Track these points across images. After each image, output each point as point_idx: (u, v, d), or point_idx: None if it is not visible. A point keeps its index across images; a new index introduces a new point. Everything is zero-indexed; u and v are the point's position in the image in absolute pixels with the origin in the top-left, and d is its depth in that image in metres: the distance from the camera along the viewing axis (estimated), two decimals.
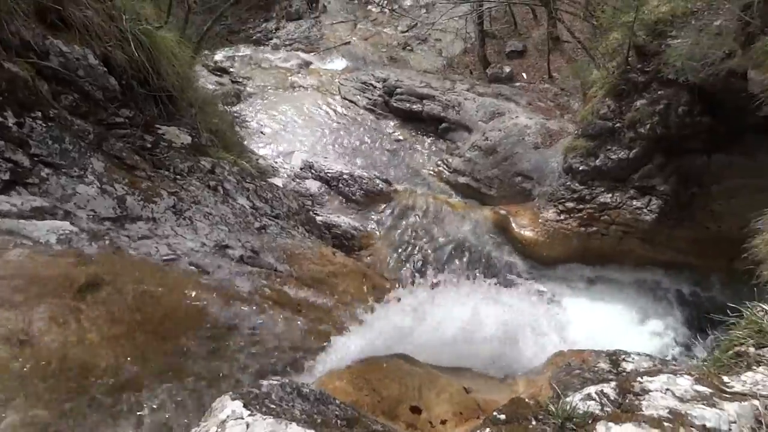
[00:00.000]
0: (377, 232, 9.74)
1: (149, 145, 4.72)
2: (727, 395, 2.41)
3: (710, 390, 2.46)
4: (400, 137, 13.66)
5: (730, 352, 2.90)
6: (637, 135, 8.34)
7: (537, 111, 12.40)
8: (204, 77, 15.21)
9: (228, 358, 3.35)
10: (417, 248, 9.33)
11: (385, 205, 10.24)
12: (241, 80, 15.80)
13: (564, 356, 4.85)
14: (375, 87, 14.77)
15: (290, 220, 5.66)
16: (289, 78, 15.85)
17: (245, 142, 10.89)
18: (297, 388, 2.86)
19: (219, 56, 16.86)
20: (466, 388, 4.26)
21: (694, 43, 7.10)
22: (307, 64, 17.00)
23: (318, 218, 9.19)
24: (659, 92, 8.00)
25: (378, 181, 10.69)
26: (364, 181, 10.58)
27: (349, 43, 18.31)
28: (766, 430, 2.17)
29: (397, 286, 7.97)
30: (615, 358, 4.40)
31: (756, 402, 2.32)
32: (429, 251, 9.21)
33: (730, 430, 2.21)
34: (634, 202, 8.58)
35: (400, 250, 9.34)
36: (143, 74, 4.86)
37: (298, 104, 14.36)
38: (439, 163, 12.86)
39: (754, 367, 2.61)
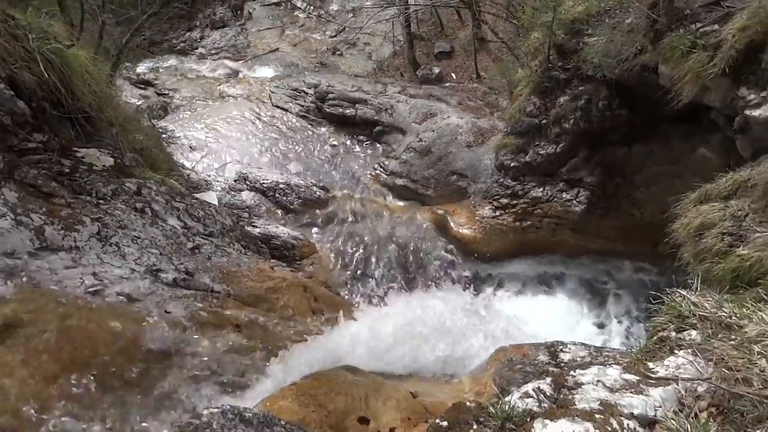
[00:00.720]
0: (318, 241, 9.68)
1: (67, 170, 4.50)
2: (653, 381, 2.55)
3: (637, 377, 2.61)
4: (335, 142, 13.62)
5: (655, 338, 3.07)
6: (562, 130, 8.68)
7: (468, 110, 12.67)
8: (127, 91, 14.68)
9: (166, 387, 3.24)
10: (359, 254, 9.32)
11: (324, 213, 10.20)
12: (166, 92, 15.34)
13: (506, 351, 4.99)
14: (307, 93, 14.68)
15: (225, 237, 5.54)
16: (218, 88, 15.52)
17: (175, 158, 10.59)
18: (239, 414, 2.81)
19: (142, 68, 16.29)
20: (412, 393, 4.31)
21: (609, 40, 7.47)
22: (236, 72, 16.70)
23: (256, 230, 9.05)
24: (580, 88, 8.36)
25: (315, 189, 10.63)
26: (301, 189, 10.50)
27: (277, 50, 18.11)
28: (688, 411, 2.32)
29: (340, 295, 8.04)
30: (553, 349, 4.57)
31: (678, 385, 2.48)
32: (371, 256, 9.22)
33: (656, 414, 2.34)
34: (564, 195, 8.92)
35: (342, 257, 9.31)
36: (56, 95, 4.62)
37: (229, 114, 14.07)
38: (376, 166, 12.90)
39: (676, 351, 2.77)
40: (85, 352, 2.98)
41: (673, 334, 2.95)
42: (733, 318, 2.71)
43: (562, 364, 4.31)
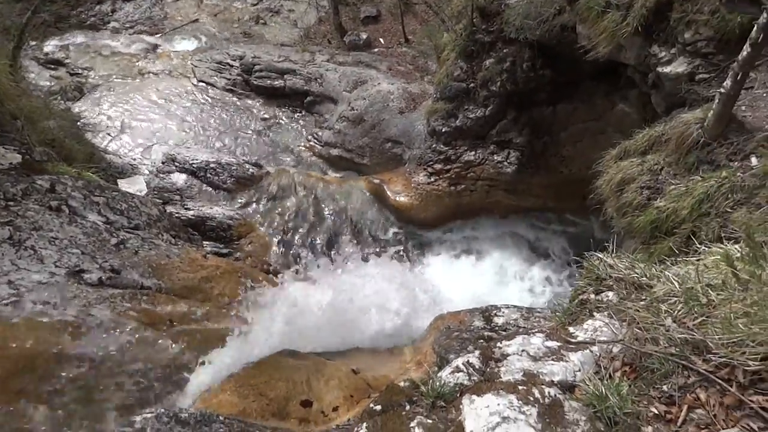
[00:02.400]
0: (255, 219, 9.52)
1: None
2: (572, 345, 2.69)
3: (558, 344, 2.73)
4: (266, 116, 13.31)
5: (576, 300, 3.22)
6: (489, 93, 8.78)
7: (398, 76, 12.61)
8: (35, 73, 13.73)
9: (96, 395, 3.15)
10: (297, 229, 9.26)
11: (258, 190, 10.01)
12: (80, 72, 14.43)
13: (444, 320, 5.12)
14: (232, 66, 14.18)
15: (152, 228, 5.35)
16: (136, 64, 14.72)
17: (94, 144, 10.08)
18: (174, 416, 2.78)
19: (50, 47, 15.20)
20: (354, 369, 4.37)
21: (529, 1, 7.55)
22: (154, 47, 15.86)
23: (189, 213, 8.82)
24: (504, 50, 8.45)
25: (248, 166, 10.39)
26: (233, 167, 10.23)
27: (197, 20, 17.28)
28: (604, 373, 2.46)
29: (280, 273, 7.98)
30: (487, 314, 4.73)
31: (595, 348, 2.62)
32: (309, 231, 9.18)
33: (575, 378, 2.47)
34: (495, 157, 9.11)
35: (280, 234, 9.22)
36: None
37: (151, 92, 13.43)
38: (310, 137, 12.73)
39: (595, 314, 2.92)
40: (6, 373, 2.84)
41: (593, 296, 3.09)
42: (644, 278, 2.87)
43: (496, 328, 4.48)
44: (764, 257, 2.47)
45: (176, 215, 8.22)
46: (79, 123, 10.39)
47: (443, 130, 9.37)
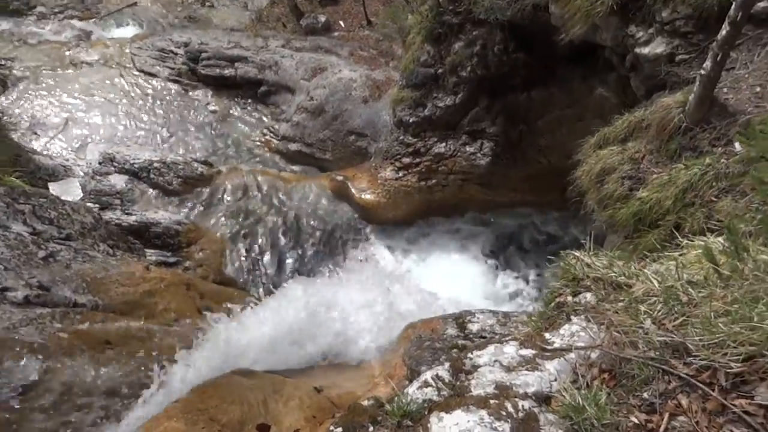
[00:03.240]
0: (206, 223, 9.40)
1: None
2: (548, 353, 2.72)
3: (533, 352, 2.76)
4: (216, 108, 13.17)
5: (552, 303, 3.25)
6: (459, 79, 8.83)
7: (360, 62, 12.60)
8: None
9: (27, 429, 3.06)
10: (254, 233, 9.17)
11: (209, 191, 9.88)
12: (3, 63, 14.00)
13: (415, 328, 5.13)
14: (176, 54, 13.96)
15: (87, 238, 5.23)
16: (68, 54, 14.37)
17: (20, 144, 9.81)
18: None
19: None
20: (317, 387, 4.34)
21: None
22: (88, 34, 15.52)
23: (130, 219, 8.63)
24: (474, 33, 8.51)
25: (196, 165, 10.24)
26: (179, 166, 10.06)
27: (135, 4, 16.96)
28: (582, 381, 2.49)
29: (235, 283, 7.89)
30: (461, 320, 4.76)
31: (572, 355, 2.65)
32: (266, 236, 9.10)
33: (551, 389, 2.50)
34: (468, 148, 9.17)
35: (234, 240, 9.11)
36: None
37: (85, 84, 13.14)
38: (265, 131, 12.65)
39: (572, 318, 2.96)
40: None
41: (570, 298, 3.13)
42: (623, 277, 2.91)
43: (471, 336, 4.51)
44: (746, 250, 2.54)
45: (116, 222, 8.06)
46: (1, 121, 10.09)
47: (411, 121, 9.40)
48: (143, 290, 4.76)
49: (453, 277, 8.31)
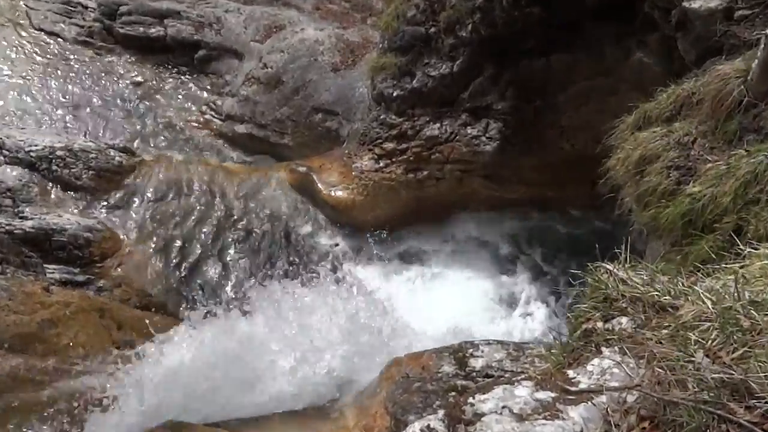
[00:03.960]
0: (126, 230, 9.31)
1: None
2: (572, 396, 2.72)
3: (553, 395, 2.77)
4: (140, 78, 13.09)
5: (578, 332, 3.27)
6: (458, 40, 8.86)
7: (329, 17, 12.61)
8: None
9: None
10: (189, 243, 9.10)
11: (130, 187, 9.79)
12: None
13: (401, 365, 5.12)
14: (86, 8, 13.92)
15: None
16: None
17: None
18: None
19: None
20: None
21: None
22: None
23: (26, 224, 8.52)
24: None
25: (113, 152, 10.13)
26: (91, 155, 9.95)
27: None
28: (616, 430, 2.51)
29: (165, 307, 7.84)
30: (461, 354, 4.77)
31: (603, 398, 2.66)
32: (206, 245, 9.04)
33: None
34: (469, 130, 9.19)
35: (164, 251, 9.04)
36: None
37: None
38: (205, 108, 12.59)
39: (603, 349, 2.98)
40: None
41: (600, 324, 3.15)
42: (667, 297, 2.94)
43: (474, 374, 4.52)
44: None
45: (5, 229, 7.96)
46: None
47: (395, 95, 9.41)
48: (41, 319, 4.71)
49: (450, 297, 8.31)
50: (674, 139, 5.65)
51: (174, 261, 8.86)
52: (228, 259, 9.02)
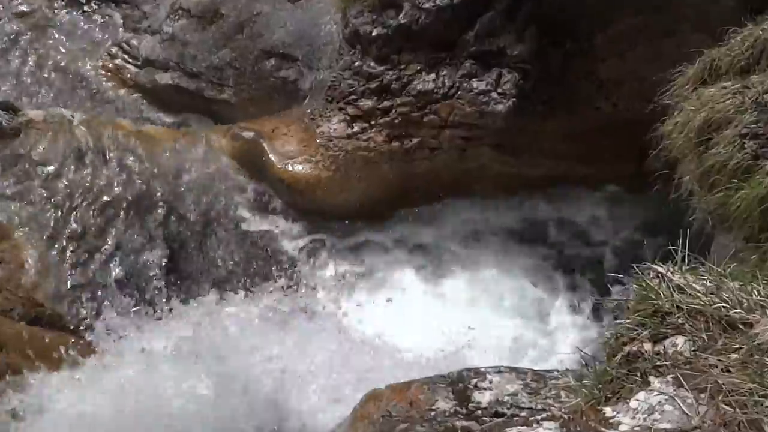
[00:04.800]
0: (6, 215, 9.27)
1: None
2: None
3: None
4: (27, 8, 12.97)
5: (619, 355, 3.30)
6: None
7: None
8: None
9: None
10: (92, 233, 9.05)
11: (12, 157, 9.73)
12: None
13: (380, 400, 5.13)
14: None
15: None
16: None
17: None
18: None
19: None
20: None
21: None
22: None
23: None
24: None
25: None
26: None
27: None
28: None
29: (62, 320, 7.83)
30: (462, 386, 4.79)
31: None
32: (115, 236, 8.99)
33: None
34: (475, 83, 9.15)
35: (60, 245, 9.00)
36: None
37: None
38: (115, 50, 12.48)
39: (651, 379, 3.01)
40: None
41: (648, 345, 3.18)
42: (738, 310, 2.97)
43: (478, 412, 4.54)
44: None
45: None
46: None
47: (375, 34, 9.37)
48: None
49: (443, 310, 8.33)
50: (751, 97, 5.67)
51: (70, 256, 8.79)
52: (144, 253, 8.96)
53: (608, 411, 2.92)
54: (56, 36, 12.61)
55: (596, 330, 8.20)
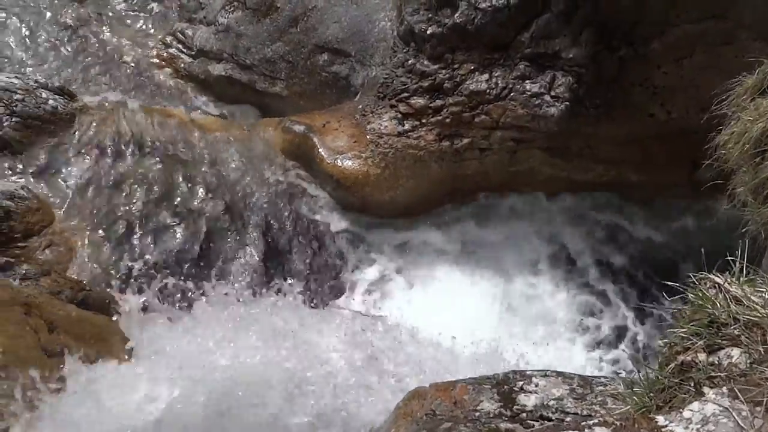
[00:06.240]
0: (59, 198, 9.36)
1: None
2: None
3: None
4: None
5: (672, 364, 3.28)
6: None
7: None
8: None
9: None
10: (142, 222, 9.13)
11: (66, 140, 9.83)
12: None
13: (424, 398, 5.13)
14: None
15: None
16: None
17: None
18: None
19: None
20: None
21: None
22: None
23: None
24: None
25: (46, 95, 10.18)
26: (16, 95, 10.01)
27: None
28: None
29: (110, 306, 7.91)
30: (507, 388, 4.78)
31: None
32: (166, 224, 9.06)
33: None
34: (529, 85, 9.13)
35: (110, 230, 9.08)
36: None
37: None
38: (170, 40, 12.61)
39: (706, 390, 2.99)
40: None
41: (702, 356, 3.16)
42: None
43: (523, 414, 4.52)
44: None
45: None
46: None
47: (430, 32, 9.38)
48: None
49: (487, 312, 8.31)
50: None
51: (120, 242, 8.87)
52: (193, 243, 9.00)
53: (660, 420, 2.91)
54: (112, 24, 12.74)
55: (644, 337, 8.18)
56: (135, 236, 8.98)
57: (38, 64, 11.72)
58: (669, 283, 3.51)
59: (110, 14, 12.84)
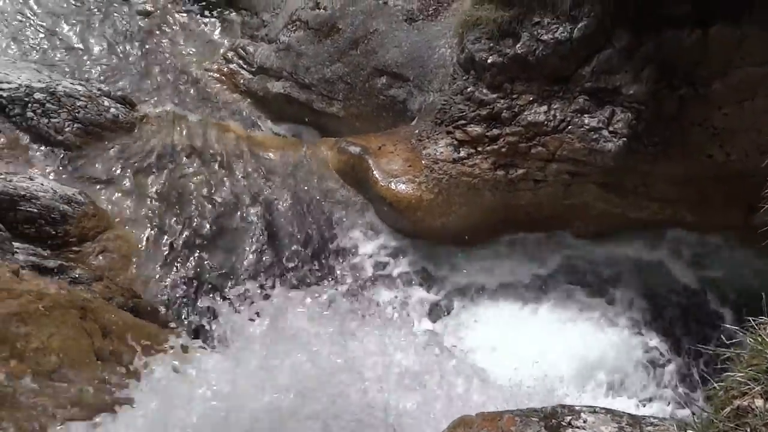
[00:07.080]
0: (115, 204, 9.49)
1: None
2: None
3: None
4: (150, 7, 13.31)
5: (728, 409, 3.27)
6: None
7: None
8: None
9: None
10: (195, 233, 9.23)
11: (125, 148, 9.98)
12: None
13: (470, 426, 5.13)
14: None
15: None
16: None
17: None
18: None
19: None
20: None
21: None
22: None
23: None
24: None
25: (108, 103, 10.36)
26: (79, 102, 10.18)
27: None
28: None
29: (159, 315, 7.99)
30: (555, 422, 4.75)
31: None
32: (217, 237, 9.15)
33: None
34: (587, 119, 9.11)
35: (164, 239, 9.19)
36: None
37: None
38: (231, 55, 12.75)
39: None
40: None
41: (760, 402, 3.14)
42: None
43: None
44: None
45: None
46: None
47: (490, 61, 9.40)
48: (8, 312, 4.84)
49: (535, 350, 8.29)
50: None
51: (174, 252, 8.97)
52: (245, 258, 9.08)
53: None
54: (175, 37, 12.91)
55: (698, 379, 8.13)
56: (191, 246, 9.07)
57: (102, 72, 11.89)
58: (728, 326, 3.50)
59: (175, 27, 13.00)
